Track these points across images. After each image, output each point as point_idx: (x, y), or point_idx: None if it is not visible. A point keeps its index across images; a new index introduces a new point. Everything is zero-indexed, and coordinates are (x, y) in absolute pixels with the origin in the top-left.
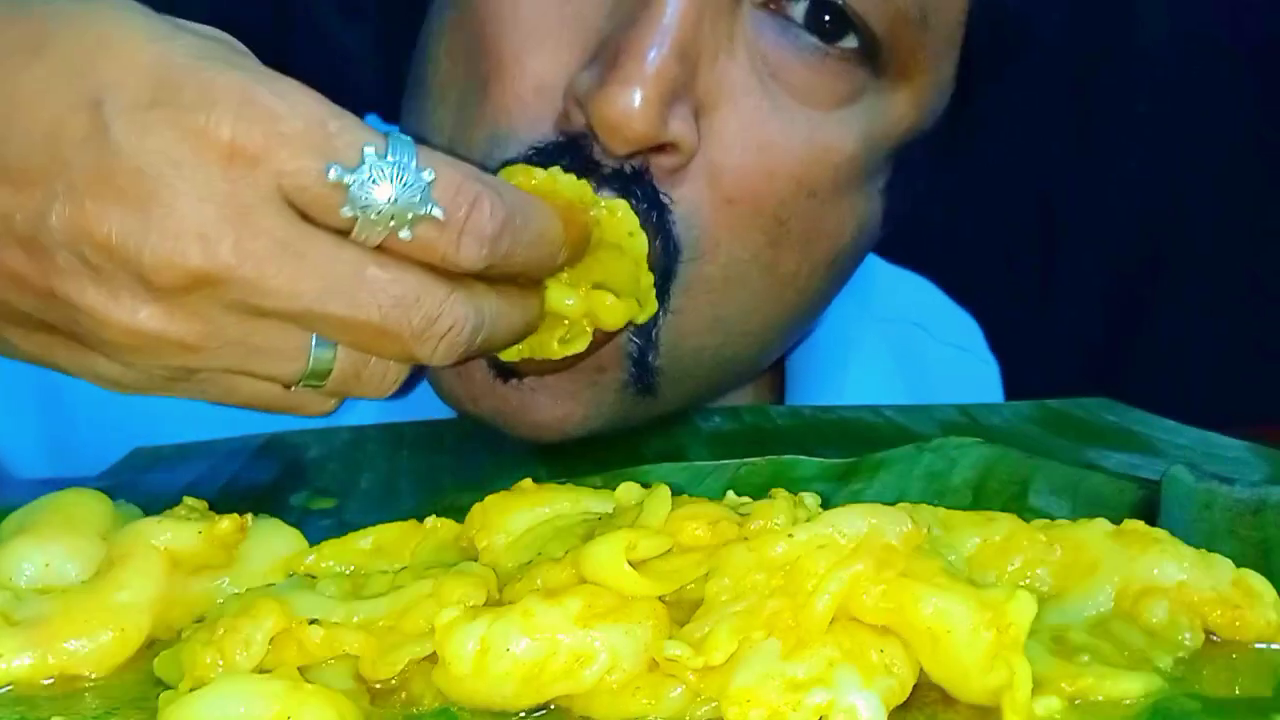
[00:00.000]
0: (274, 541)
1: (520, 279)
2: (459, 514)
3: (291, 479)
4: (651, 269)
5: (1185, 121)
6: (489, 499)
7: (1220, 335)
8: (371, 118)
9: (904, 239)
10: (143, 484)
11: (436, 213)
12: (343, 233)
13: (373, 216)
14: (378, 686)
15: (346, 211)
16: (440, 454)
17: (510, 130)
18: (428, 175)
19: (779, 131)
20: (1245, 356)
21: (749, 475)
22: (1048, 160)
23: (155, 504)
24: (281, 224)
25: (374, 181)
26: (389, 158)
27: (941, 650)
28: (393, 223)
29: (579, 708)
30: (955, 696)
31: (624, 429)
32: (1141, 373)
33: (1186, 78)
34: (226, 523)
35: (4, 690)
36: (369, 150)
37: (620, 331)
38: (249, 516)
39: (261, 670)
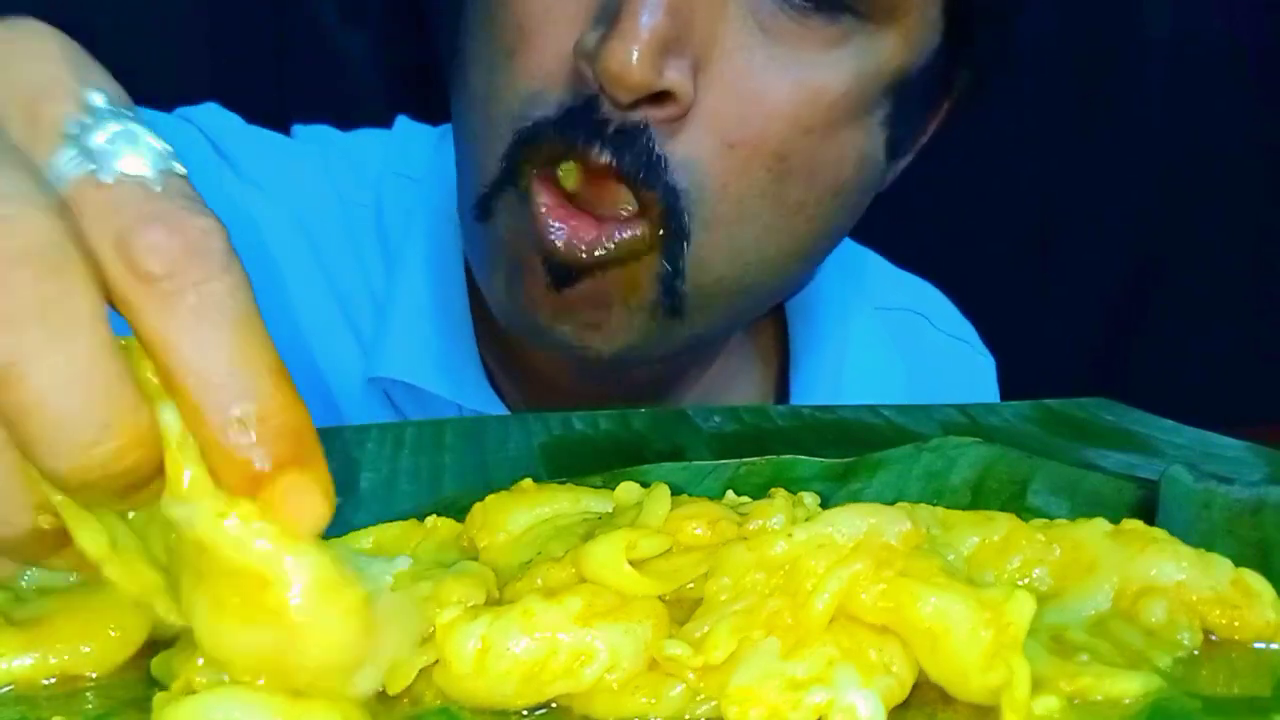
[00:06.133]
0: None
1: None
2: (459, 514)
3: None
4: (659, 215)
5: (1186, 121)
6: (489, 499)
7: (1220, 335)
8: (401, 118)
9: (904, 239)
10: None
11: None
12: None
13: None
14: None
15: None
16: (440, 454)
17: (540, 90)
18: None
19: (773, 78)
20: (1245, 356)
21: (749, 475)
22: (1048, 160)
23: None
24: None
25: None
26: None
27: (940, 649)
28: None
29: (579, 707)
30: (954, 696)
31: (658, 360)
32: (1141, 373)
33: (1187, 78)
34: None
35: (4, 690)
36: None
37: (651, 257)
38: None
39: None
